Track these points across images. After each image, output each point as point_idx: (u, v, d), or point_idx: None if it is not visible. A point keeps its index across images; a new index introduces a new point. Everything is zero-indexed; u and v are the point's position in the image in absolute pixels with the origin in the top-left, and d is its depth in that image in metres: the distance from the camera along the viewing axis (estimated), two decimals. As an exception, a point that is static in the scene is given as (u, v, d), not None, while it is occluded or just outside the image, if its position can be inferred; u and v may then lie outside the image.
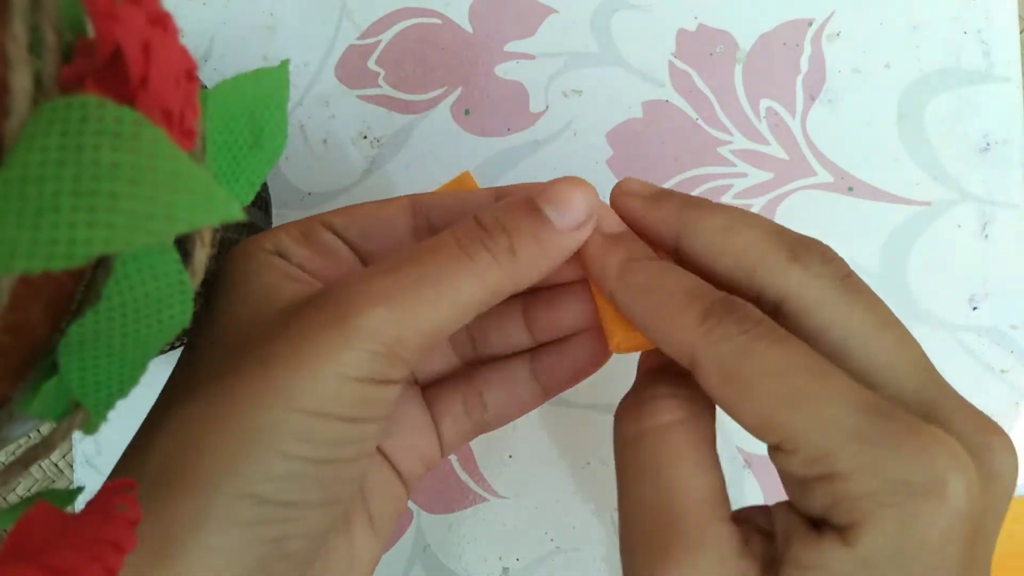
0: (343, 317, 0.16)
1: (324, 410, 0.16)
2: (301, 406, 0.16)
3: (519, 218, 0.18)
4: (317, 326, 0.16)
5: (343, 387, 0.16)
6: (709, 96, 0.32)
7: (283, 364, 0.16)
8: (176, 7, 0.33)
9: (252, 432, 0.16)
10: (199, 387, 0.17)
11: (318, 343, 0.16)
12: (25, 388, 0.14)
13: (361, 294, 0.17)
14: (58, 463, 0.35)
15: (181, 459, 0.16)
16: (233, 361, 0.17)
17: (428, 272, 0.17)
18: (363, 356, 0.16)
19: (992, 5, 0.32)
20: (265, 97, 0.17)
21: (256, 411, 0.16)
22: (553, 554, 0.32)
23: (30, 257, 0.09)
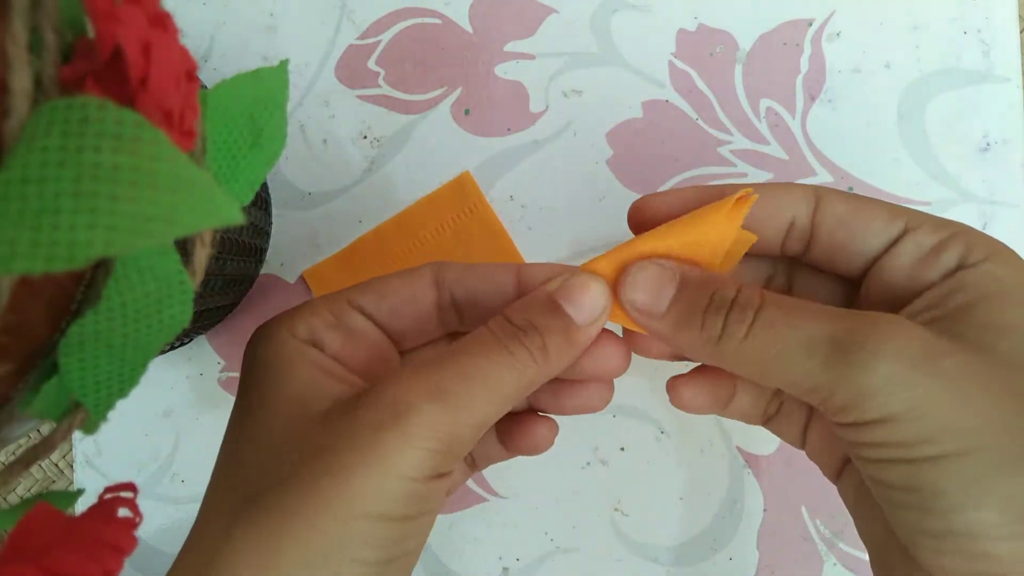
0: (401, 417, 0.17)
1: (389, 512, 0.17)
2: (368, 511, 0.17)
3: (547, 318, 0.19)
4: (376, 428, 0.17)
5: (405, 487, 0.17)
6: (709, 96, 0.32)
7: (350, 472, 0.17)
8: (176, 7, 0.33)
9: (326, 543, 0.17)
10: (263, 496, 0.17)
11: (381, 448, 0.17)
12: (25, 388, 0.14)
13: (414, 392, 0.17)
14: (58, 463, 0.35)
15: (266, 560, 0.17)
16: (295, 469, 0.17)
17: (476, 368, 0.18)
18: (423, 455, 0.17)
19: (992, 5, 0.32)
20: (265, 97, 0.17)
21: (329, 521, 0.17)
22: (553, 554, 0.32)
23: (30, 258, 0.09)
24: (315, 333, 0.20)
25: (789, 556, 0.31)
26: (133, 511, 0.15)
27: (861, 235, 0.20)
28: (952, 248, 0.19)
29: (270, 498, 0.17)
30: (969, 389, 0.17)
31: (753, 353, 0.19)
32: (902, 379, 0.17)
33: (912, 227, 0.20)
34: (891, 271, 0.20)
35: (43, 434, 0.15)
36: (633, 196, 0.32)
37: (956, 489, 0.16)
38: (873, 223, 0.20)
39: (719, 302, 0.19)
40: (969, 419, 0.16)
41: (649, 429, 0.32)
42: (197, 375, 0.33)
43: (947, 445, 0.16)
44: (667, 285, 0.20)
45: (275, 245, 0.33)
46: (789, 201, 0.21)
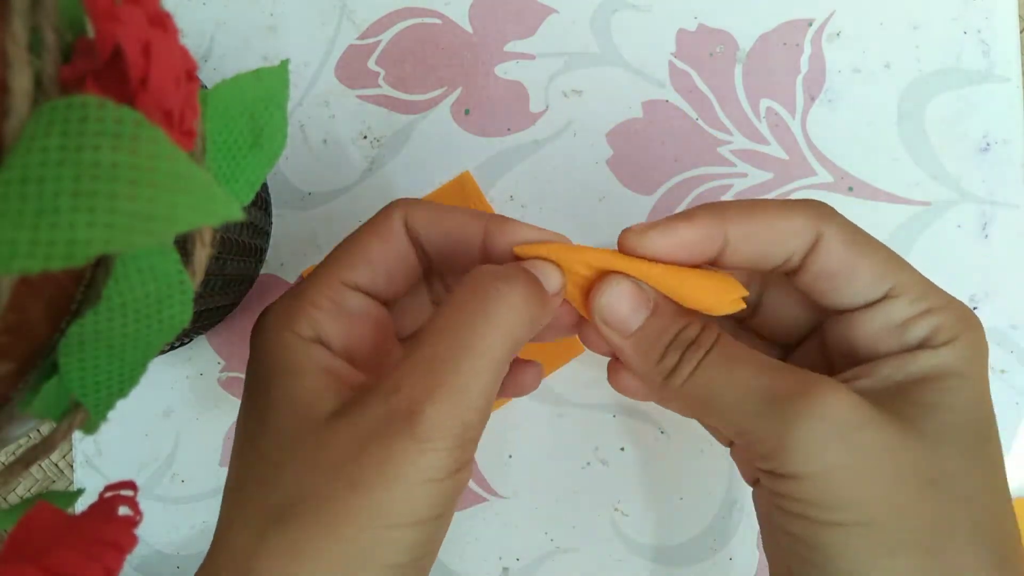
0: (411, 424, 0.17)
1: (417, 517, 0.18)
2: (397, 520, 0.17)
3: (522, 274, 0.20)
4: (391, 440, 0.17)
5: (431, 490, 0.17)
6: (709, 96, 0.32)
7: (374, 485, 0.17)
8: (176, 7, 0.33)
9: (359, 552, 0.17)
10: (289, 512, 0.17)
11: (399, 457, 0.17)
12: (25, 388, 0.14)
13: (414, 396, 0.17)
14: (58, 463, 0.35)
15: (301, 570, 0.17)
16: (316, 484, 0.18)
17: (461, 343, 0.18)
18: (441, 455, 0.17)
19: (992, 5, 0.32)
20: (265, 97, 0.17)
21: (360, 532, 0.17)
22: (553, 554, 0.32)
23: (30, 257, 0.09)
24: (319, 328, 0.20)
25: (789, 556, 0.31)
26: (133, 509, 0.15)
27: (843, 291, 0.20)
28: (920, 326, 0.19)
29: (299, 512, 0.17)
30: (880, 464, 0.17)
31: (693, 391, 0.19)
32: (821, 443, 0.17)
33: (894, 294, 0.20)
34: (856, 329, 0.20)
35: (43, 434, 0.15)
36: (633, 196, 0.32)
37: (851, 558, 0.17)
38: (858, 283, 0.20)
39: (682, 340, 0.20)
40: (873, 494, 0.17)
41: (649, 429, 0.32)
42: (197, 375, 0.33)
43: (848, 514, 0.17)
44: (641, 308, 0.21)
45: (275, 245, 0.33)
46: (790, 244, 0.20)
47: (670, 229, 0.20)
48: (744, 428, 0.19)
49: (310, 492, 0.17)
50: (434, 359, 0.18)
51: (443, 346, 0.18)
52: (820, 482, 0.17)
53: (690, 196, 0.32)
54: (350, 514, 0.17)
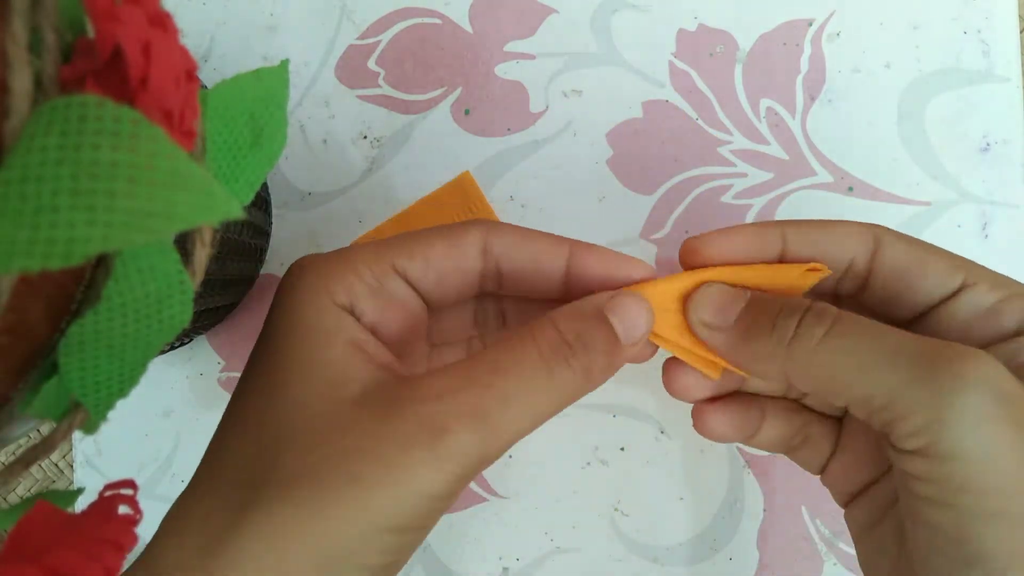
0: (436, 440, 0.17)
1: (405, 525, 0.17)
2: (386, 525, 0.17)
3: (594, 334, 0.19)
4: (410, 447, 0.17)
5: (426, 505, 0.17)
6: (709, 96, 0.32)
7: (377, 485, 0.16)
8: (176, 7, 0.33)
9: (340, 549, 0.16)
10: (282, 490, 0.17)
11: (412, 467, 0.17)
12: (25, 388, 0.14)
13: (452, 414, 0.17)
14: (58, 463, 0.35)
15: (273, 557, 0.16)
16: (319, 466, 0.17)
17: (514, 390, 0.18)
18: (451, 478, 0.17)
19: (992, 5, 0.32)
20: (265, 97, 0.17)
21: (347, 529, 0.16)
22: (553, 554, 0.32)
23: (28, 256, 0.09)
24: (354, 299, 0.19)
25: (789, 556, 0.31)
26: (133, 508, 0.15)
27: (918, 286, 0.20)
28: (1012, 311, 0.19)
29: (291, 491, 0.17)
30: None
31: (828, 359, 0.18)
32: (986, 415, 0.15)
33: (970, 283, 0.19)
34: (947, 325, 0.20)
35: (43, 434, 0.15)
36: (633, 196, 0.32)
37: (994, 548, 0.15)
38: (932, 276, 0.20)
39: (792, 307, 0.19)
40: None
41: (649, 429, 0.32)
42: (197, 375, 0.33)
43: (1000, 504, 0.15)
44: (736, 301, 0.20)
45: (275, 245, 0.33)
46: (850, 244, 0.20)
47: (731, 231, 0.20)
48: (891, 400, 0.16)
49: (310, 473, 0.17)
50: (486, 389, 0.18)
51: (500, 383, 0.18)
52: (981, 464, 0.15)
53: (690, 196, 0.32)
54: (341, 508, 0.16)
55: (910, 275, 0.20)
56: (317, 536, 0.16)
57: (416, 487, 0.17)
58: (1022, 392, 0.16)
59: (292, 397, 0.18)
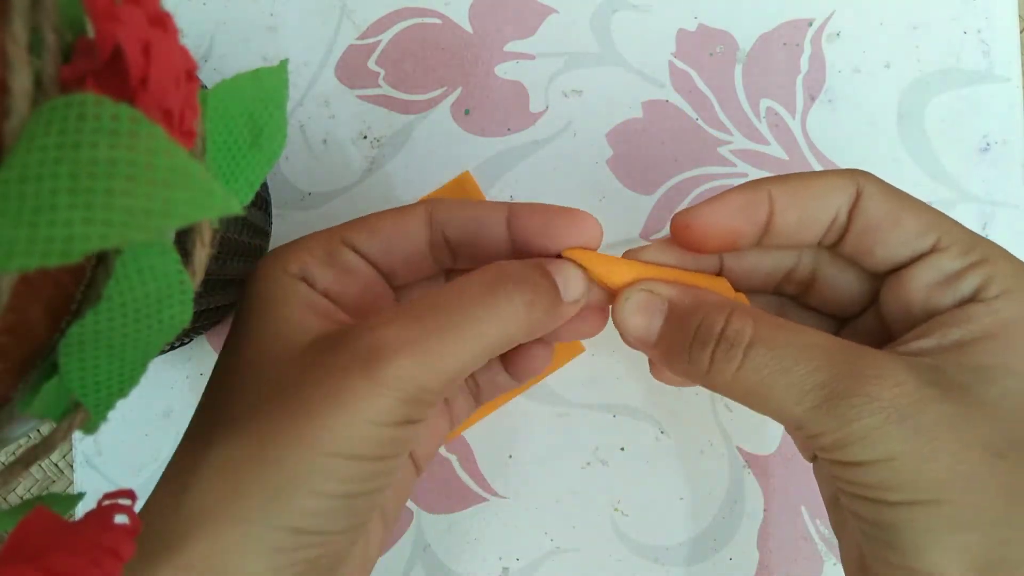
0: (372, 366, 0.17)
1: (355, 452, 0.18)
2: (335, 450, 0.17)
3: (537, 278, 0.20)
4: (348, 374, 0.17)
5: (372, 431, 0.18)
6: (709, 96, 0.32)
7: (318, 412, 0.17)
8: (176, 7, 0.33)
9: (290, 475, 0.17)
10: (236, 426, 0.18)
11: (349, 392, 0.17)
12: (25, 388, 0.14)
13: (388, 342, 0.18)
14: (58, 463, 0.35)
15: (226, 497, 0.17)
16: (268, 403, 0.18)
17: (454, 320, 0.18)
18: (391, 403, 0.18)
19: (992, 5, 0.32)
20: (264, 97, 0.17)
21: (295, 456, 0.17)
22: (553, 554, 0.32)
23: (27, 255, 0.09)
24: (306, 269, 0.21)
25: (789, 556, 0.31)
26: (132, 519, 0.15)
27: (889, 244, 0.20)
28: (970, 278, 0.19)
29: (243, 426, 0.18)
30: (944, 442, 0.17)
31: (743, 386, 0.19)
32: (882, 433, 0.17)
33: (941, 246, 0.20)
34: (908, 287, 0.20)
35: (43, 434, 0.15)
36: (633, 196, 0.32)
37: (919, 535, 0.17)
38: (903, 234, 0.20)
39: (703, 336, 0.20)
40: (940, 472, 0.17)
41: (649, 429, 0.32)
42: (197, 375, 0.33)
43: (916, 494, 0.17)
44: (656, 315, 0.21)
45: (275, 245, 0.33)
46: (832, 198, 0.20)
47: (719, 200, 0.21)
48: (800, 423, 0.18)
49: (260, 411, 0.18)
50: (421, 319, 0.18)
51: (434, 314, 0.18)
52: (884, 467, 0.17)
53: (690, 196, 0.32)
54: (291, 436, 0.17)
55: (882, 230, 0.20)
56: (268, 464, 0.17)
57: (357, 413, 0.17)
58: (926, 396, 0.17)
59: (249, 351, 0.19)
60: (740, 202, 0.21)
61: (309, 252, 0.21)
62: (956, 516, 0.17)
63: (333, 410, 0.17)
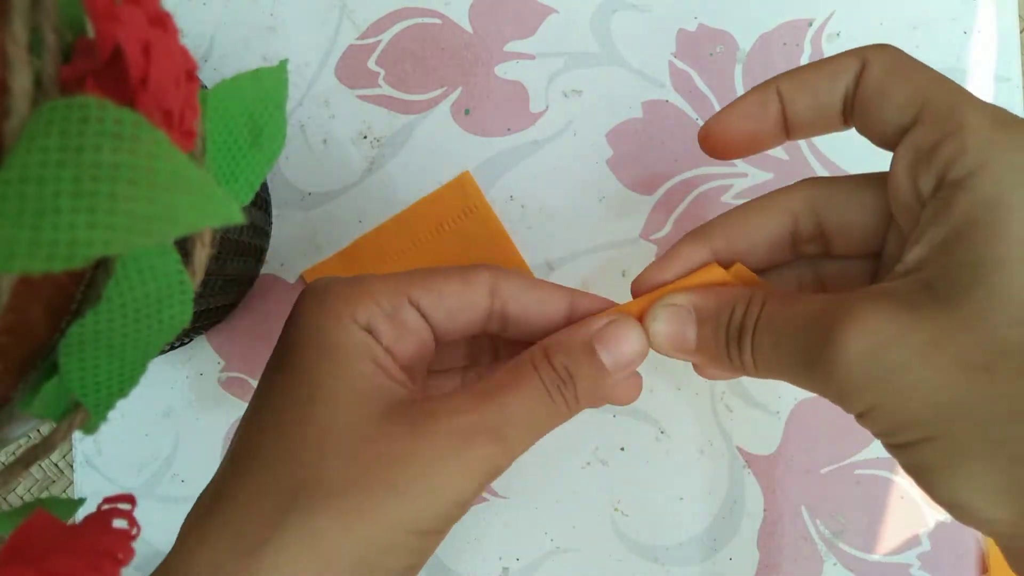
0: (462, 450, 0.19)
1: (432, 528, 0.19)
2: (415, 528, 0.18)
3: (582, 366, 0.21)
4: (439, 455, 0.18)
5: (452, 511, 0.19)
6: (709, 96, 0.32)
7: (408, 492, 0.18)
8: (176, 7, 0.33)
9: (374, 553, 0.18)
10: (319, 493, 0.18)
11: (442, 474, 0.18)
12: (25, 388, 0.14)
13: (476, 430, 0.19)
14: (58, 463, 0.35)
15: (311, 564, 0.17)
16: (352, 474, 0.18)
17: (522, 410, 0.20)
18: (476, 486, 0.19)
19: (992, 5, 0.32)
20: (264, 97, 0.17)
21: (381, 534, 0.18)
22: (553, 554, 0.32)
23: (30, 258, 0.09)
24: (373, 321, 0.20)
25: (789, 556, 0.31)
26: (131, 523, 0.15)
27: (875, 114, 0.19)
28: (940, 154, 0.17)
29: (323, 504, 0.18)
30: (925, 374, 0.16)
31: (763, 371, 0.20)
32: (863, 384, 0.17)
33: (923, 117, 0.18)
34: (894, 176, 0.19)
35: (43, 434, 0.15)
36: (633, 196, 0.32)
37: (929, 472, 0.17)
38: (891, 105, 0.18)
39: (733, 332, 0.20)
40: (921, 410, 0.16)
41: (649, 429, 0.32)
42: (197, 375, 0.33)
43: (913, 434, 0.17)
44: (687, 324, 0.21)
45: (275, 245, 0.33)
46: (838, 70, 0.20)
47: (733, 104, 0.22)
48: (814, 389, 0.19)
49: (349, 482, 0.18)
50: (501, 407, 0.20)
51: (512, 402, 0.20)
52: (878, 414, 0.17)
53: (690, 196, 0.32)
54: (380, 513, 0.18)
55: (871, 104, 0.19)
56: (355, 540, 0.17)
57: (447, 495, 0.18)
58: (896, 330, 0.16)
59: (324, 408, 0.19)
60: (750, 101, 0.21)
61: (376, 304, 0.21)
62: (958, 447, 0.16)
63: (427, 493, 0.18)
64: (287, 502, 0.17)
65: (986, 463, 0.16)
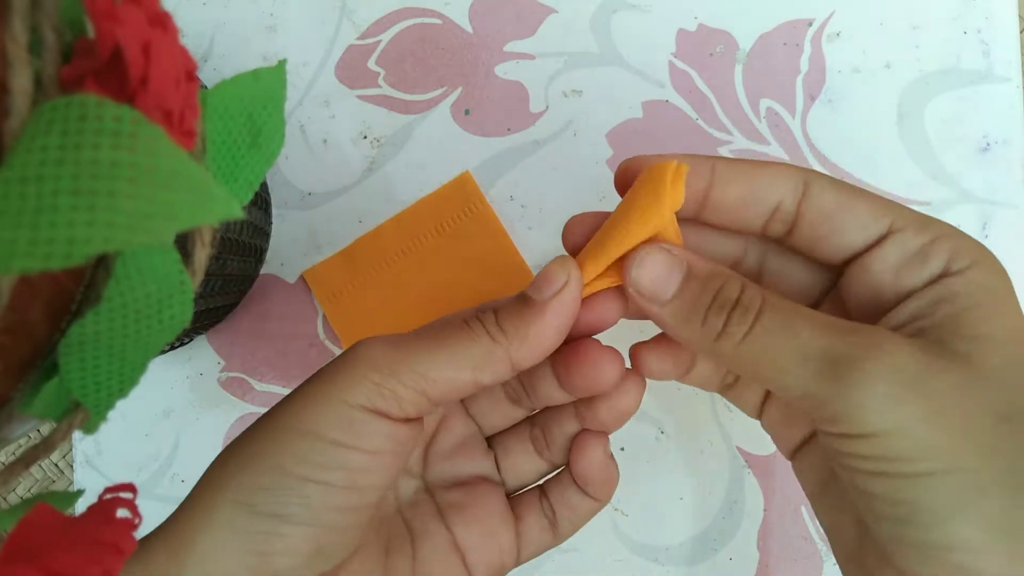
0: (351, 351, 0.19)
1: (318, 430, 0.19)
2: (298, 426, 0.19)
3: (507, 302, 0.21)
4: (335, 364, 0.19)
5: (339, 410, 0.19)
6: (709, 96, 0.32)
7: (297, 394, 0.19)
8: (176, 7, 0.33)
9: (255, 449, 0.19)
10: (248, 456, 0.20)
11: (326, 373, 0.19)
12: (25, 388, 0.14)
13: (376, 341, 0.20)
14: (58, 463, 0.35)
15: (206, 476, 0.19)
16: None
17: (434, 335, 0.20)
18: (361, 384, 0.19)
19: (992, 5, 0.32)
20: (263, 97, 0.17)
21: (264, 432, 0.19)
22: (553, 554, 0.32)
23: (29, 257, 0.09)
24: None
25: (789, 556, 0.31)
26: (133, 512, 0.15)
27: (844, 231, 0.20)
28: (938, 253, 0.19)
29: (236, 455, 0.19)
30: (954, 410, 0.17)
31: (749, 355, 0.19)
32: (893, 399, 0.17)
33: (897, 228, 0.20)
34: (875, 271, 0.20)
35: (43, 434, 0.15)
36: (633, 196, 0.32)
37: (938, 505, 0.17)
38: (858, 219, 0.20)
39: (723, 301, 0.19)
40: (952, 440, 0.17)
41: (649, 429, 0.32)
42: (197, 375, 0.33)
43: (931, 464, 0.17)
44: (674, 273, 0.20)
45: (275, 245, 0.33)
46: (777, 184, 0.20)
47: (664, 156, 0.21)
48: (808, 392, 0.18)
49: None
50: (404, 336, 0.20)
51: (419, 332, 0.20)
52: (896, 437, 0.17)
53: (690, 196, 0.32)
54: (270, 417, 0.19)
55: (836, 221, 0.20)
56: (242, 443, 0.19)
57: (328, 391, 0.19)
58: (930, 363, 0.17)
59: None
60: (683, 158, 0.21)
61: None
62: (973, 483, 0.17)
63: (307, 391, 0.19)
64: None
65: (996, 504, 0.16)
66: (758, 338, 0.19)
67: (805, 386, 0.18)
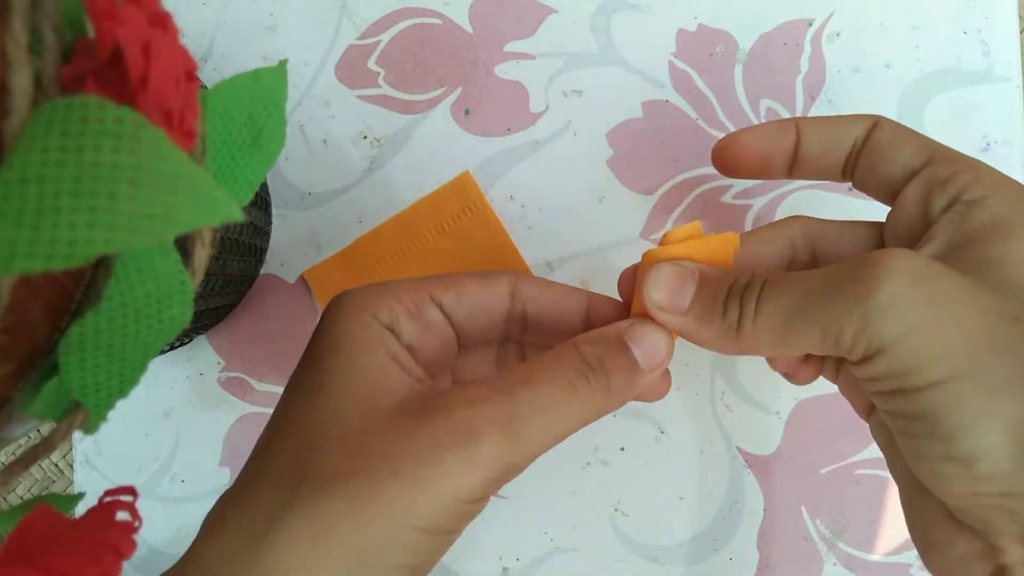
0: (469, 442, 0.18)
1: (436, 527, 0.18)
2: (417, 524, 0.18)
3: (615, 358, 0.20)
4: (445, 451, 0.18)
5: (457, 508, 0.18)
6: (709, 96, 0.32)
7: (407, 483, 0.18)
8: (176, 7, 0.33)
9: (375, 545, 0.17)
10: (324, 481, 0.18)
11: (444, 466, 0.18)
12: (25, 388, 0.14)
13: (485, 419, 0.18)
14: (58, 463, 0.35)
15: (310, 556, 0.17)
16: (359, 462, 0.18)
17: (540, 402, 0.19)
18: (481, 482, 0.18)
19: (992, 5, 0.32)
20: (263, 97, 0.17)
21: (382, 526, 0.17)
22: (553, 554, 0.32)
23: (30, 257, 0.09)
24: (395, 319, 0.21)
25: (789, 556, 0.31)
26: (133, 515, 0.15)
27: (891, 162, 0.22)
28: (957, 181, 0.20)
29: (332, 484, 0.18)
30: (963, 311, 0.17)
31: (767, 327, 0.19)
32: (900, 301, 0.17)
33: (935, 161, 0.21)
34: (905, 202, 0.21)
35: (43, 434, 0.15)
36: (633, 196, 0.32)
37: (955, 413, 0.17)
38: (903, 153, 0.22)
39: (736, 291, 0.20)
40: (962, 343, 0.17)
41: (649, 429, 0.32)
42: (197, 375, 0.33)
43: (941, 371, 0.17)
44: (687, 283, 0.21)
45: (275, 245, 0.33)
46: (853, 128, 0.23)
47: (752, 129, 0.24)
48: (824, 328, 0.18)
49: (349, 471, 0.18)
50: (514, 398, 0.19)
51: (527, 394, 0.19)
52: (907, 346, 0.17)
53: (690, 196, 0.32)
54: (378, 508, 0.17)
55: (886, 152, 0.22)
56: (354, 531, 0.17)
57: (448, 488, 0.18)
58: (938, 269, 0.18)
59: (334, 400, 0.19)
60: (772, 128, 0.24)
61: (399, 302, 0.21)
62: (988, 385, 0.17)
63: (426, 485, 0.17)
64: (290, 494, 0.18)
65: (1011, 403, 0.16)
66: (768, 303, 0.19)
67: (820, 324, 0.18)
